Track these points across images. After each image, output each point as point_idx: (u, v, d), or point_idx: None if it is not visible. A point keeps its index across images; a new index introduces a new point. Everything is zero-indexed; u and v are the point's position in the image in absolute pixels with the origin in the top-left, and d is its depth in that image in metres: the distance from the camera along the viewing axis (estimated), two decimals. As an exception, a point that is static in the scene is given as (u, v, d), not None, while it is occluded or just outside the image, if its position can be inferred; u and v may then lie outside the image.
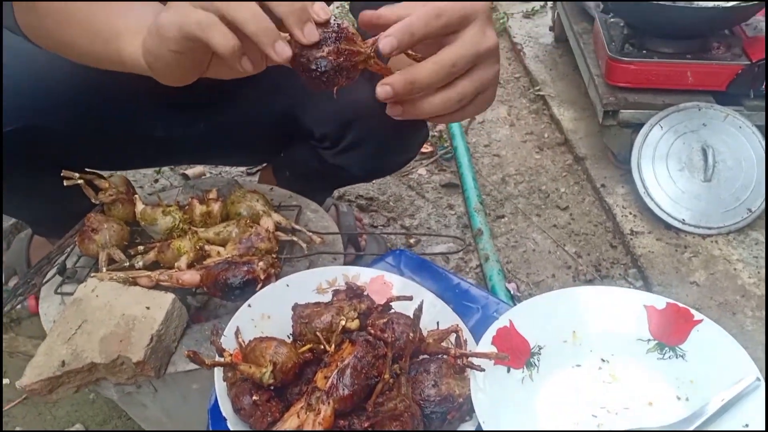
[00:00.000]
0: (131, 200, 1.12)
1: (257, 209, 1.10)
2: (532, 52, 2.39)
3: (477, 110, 0.65)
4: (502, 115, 2.10)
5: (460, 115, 0.64)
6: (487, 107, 0.66)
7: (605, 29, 1.80)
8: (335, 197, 1.67)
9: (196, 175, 1.80)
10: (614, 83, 1.68)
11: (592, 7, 2.01)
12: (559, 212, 1.66)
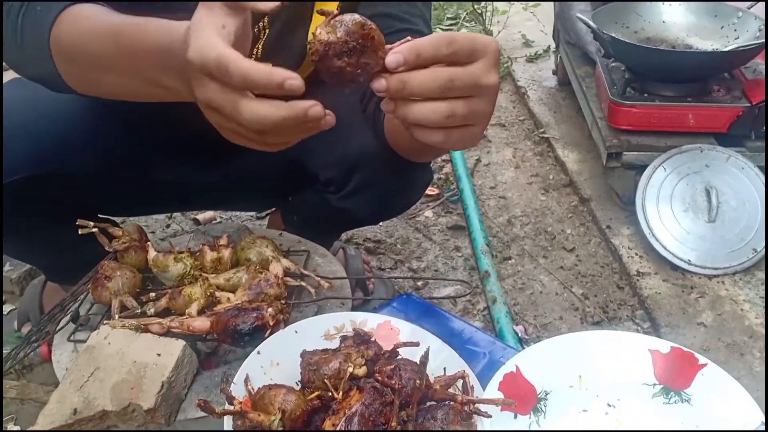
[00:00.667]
0: (144, 247, 1.15)
1: (267, 255, 1.12)
2: (536, 95, 2.43)
3: (462, 139, 0.65)
4: (508, 157, 2.13)
5: (444, 136, 0.64)
6: (471, 144, 0.67)
7: (607, 73, 1.84)
8: (343, 240, 1.70)
9: (207, 219, 1.83)
10: (617, 126, 1.71)
11: (593, 51, 2.05)
12: (565, 254, 1.67)
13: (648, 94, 1.73)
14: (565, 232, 1.75)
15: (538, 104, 2.36)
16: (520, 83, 2.53)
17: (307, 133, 0.64)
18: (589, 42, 2.08)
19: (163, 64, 0.69)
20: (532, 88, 2.49)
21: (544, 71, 2.59)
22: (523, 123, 2.33)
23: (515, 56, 2.75)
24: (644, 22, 1.92)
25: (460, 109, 0.62)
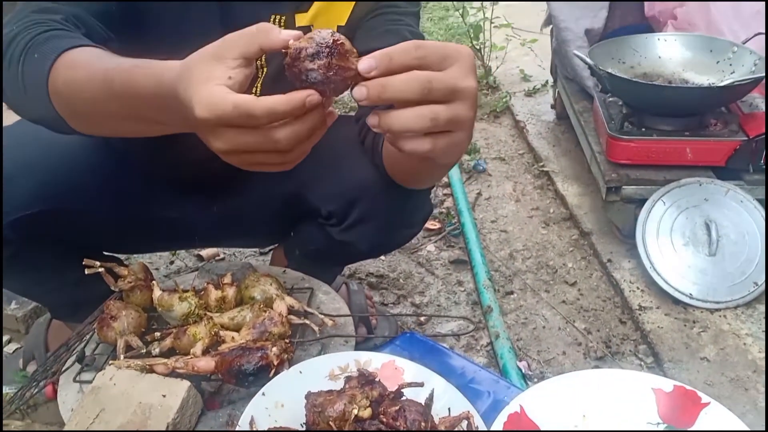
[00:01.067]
0: (149, 286, 1.16)
1: (271, 293, 1.13)
2: (534, 129, 2.46)
3: (450, 147, 0.65)
4: (508, 191, 2.15)
5: (431, 143, 0.64)
6: (460, 152, 0.67)
7: (604, 108, 1.87)
8: (346, 275, 1.70)
9: (210, 255, 1.84)
10: (615, 160, 1.73)
11: (591, 86, 2.08)
12: (567, 288, 1.68)
13: (646, 129, 1.75)
14: (567, 265, 1.76)
15: (537, 138, 2.39)
16: (519, 117, 2.56)
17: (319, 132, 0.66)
18: (587, 77, 2.11)
19: (156, 105, 0.70)
20: (531, 122, 2.52)
21: (543, 105, 2.63)
22: (523, 157, 2.35)
23: (514, 91, 2.79)
24: (640, 58, 1.96)
25: (443, 112, 0.62)
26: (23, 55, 0.81)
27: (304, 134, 0.64)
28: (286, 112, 0.61)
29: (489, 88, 2.88)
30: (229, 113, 0.61)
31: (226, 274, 1.21)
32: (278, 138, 0.63)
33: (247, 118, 0.61)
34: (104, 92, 0.75)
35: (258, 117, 0.61)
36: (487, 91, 2.87)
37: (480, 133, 2.54)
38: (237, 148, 0.64)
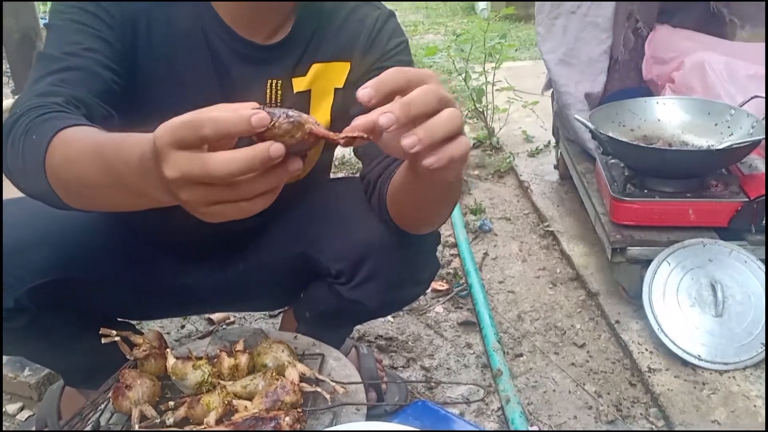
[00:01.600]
0: (163, 354, 1.17)
1: (282, 360, 1.15)
2: (539, 189, 2.50)
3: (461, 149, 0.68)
4: (514, 251, 2.17)
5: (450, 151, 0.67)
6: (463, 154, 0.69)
7: (606, 170, 1.91)
8: (355, 338, 1.72)
9: (221, 319, 1.86)
10: (619, 222, 1.76)
11: (592, 148, 2.13)
12: (576, 350, 1.68)
13: (648, 190, 1.79)
14: (575, 327, 1.77)
15: (541, 198, 2.43)
16: (522, 177, 2.61)
17: (277, 181, 0.67)
18: (588, 139, 2.17)
19: (140, 172, 0.72)
20: (534, 182, 2.56)
21: (546, 166, 2.68)
22: (528, 217, 2.38)
23: (517, 151, 2.85)
24: (640, 121, 2.01)
25: (454, 113, 0.67)
26: (24, 135, 0.86)
27: (240, 165, 0.64)
28: (232, 125, 0.64)
29: (493, 149, 2.94)
30: (180, 128, 0.64)
31: (239, 340, 1.23)
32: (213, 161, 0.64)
33: (195, 131, 0.64)
34: (95, 163, 0.78)
35: (204, 126, 0.64)
36: (491, 151, 2.93)
37: (485, 193, 2.58)
38: (183, 174, 0.65)
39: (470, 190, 2.60)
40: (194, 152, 0.64)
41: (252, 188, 0.65)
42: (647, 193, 1.78)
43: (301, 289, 1.36)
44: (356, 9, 1.15)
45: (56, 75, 0.93)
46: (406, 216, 1.05)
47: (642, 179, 1.82)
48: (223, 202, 0.66)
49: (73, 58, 0.95)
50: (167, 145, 0.64)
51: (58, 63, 0.94)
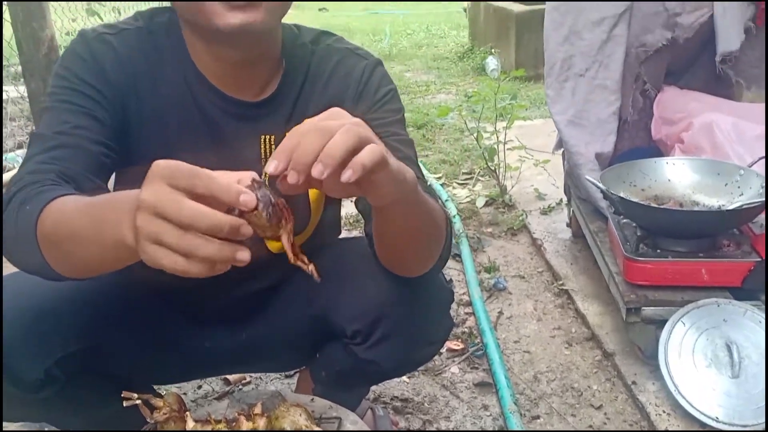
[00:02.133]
0: (183, 417, 1.19)
1: (300, 424, 1.16)
2: (552, 247, 2.52)
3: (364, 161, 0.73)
4: (529, 309, 2.18)
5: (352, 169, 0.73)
6: (374, 158, 0.74)
7: (619, 229, 1.93)
8: (371, 399, 1.72)
9: (237, 380, 1.87)
10: (633, 281, 1.77)
11: (604, 207, 2.16)
12: (593, 411, 1.67)
13: (661, 250, 1.81)
14: (592, 388, 1.77)
15: (554, 256, 2.45)
16: (535, 235, 2.64)
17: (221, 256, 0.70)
18: (600, 198, 2.20)
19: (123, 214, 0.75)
20: (547, 240, 2.59)
21: (558, 223, 2.70)
22: (542, 275, 2.40)
23: (529, 209, 2.88)
24: (651, 181, 2.05)
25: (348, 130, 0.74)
26: (18, 208, 0.91)
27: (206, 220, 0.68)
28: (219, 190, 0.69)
29: (505, 207, 2.98)
30: (181, 167, 0.69)
31: (257, 404, 1.24)
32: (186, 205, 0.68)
33: (189, 178, 0.69)
34: (82, 219, 0.82)
35: (200, 177, 0.69)
36: (503, 209, 2.97)
37: (499, 251, 2.61)
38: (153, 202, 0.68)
39: (484, 248, 2.63)
40: (178, 192, 0.69)
41: (200, 248, 0.68)
42: (660, 252, 1.80)
43: (317, 349, 1.38)
44: (343, 60, 1.18)
45: (47, 153, 0.99)
46: (389, 257, 1.08)
47: (654, 239, 1.84)
48: (167, 246, 0.69)
49: (63, 136, 1.00)
50: (159, 175, 0.69)
51: (49, 142, 1.00)
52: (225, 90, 1.11)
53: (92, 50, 1.07)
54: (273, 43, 1.12)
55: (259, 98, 1.14)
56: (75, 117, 1.03)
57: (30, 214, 0.88)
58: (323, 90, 1.17)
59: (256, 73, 1.12)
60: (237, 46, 1.05)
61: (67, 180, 0.97)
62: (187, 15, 1.04)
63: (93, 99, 1.05)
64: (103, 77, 1.06)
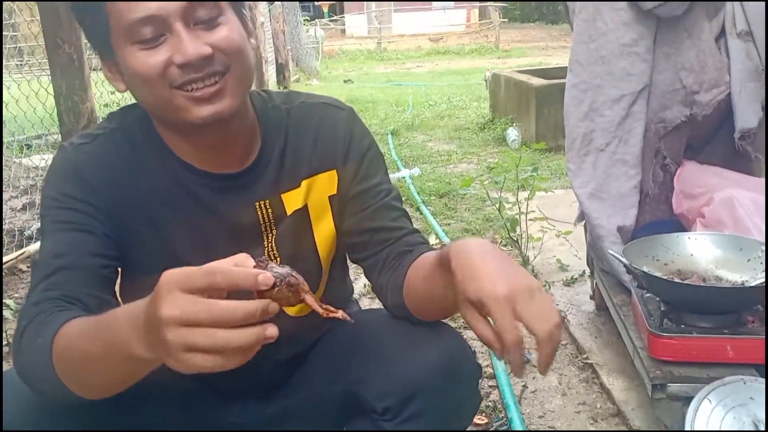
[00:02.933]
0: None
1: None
2: (575, 320, 2.52)
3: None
4: (554, 383, 2.17)
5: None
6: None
7: (642, 303, 1.94)
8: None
9: (261, 450, 1.87)
10: (658, 357, 1.77)
11: (627, 281, 2.17)
12: (619, 490, 1.65)
13: (685, 326, 1.80)
14: (618, 465, 1.74)
15: (578, 329, 2.45)
16: (559, 307, 2.64)
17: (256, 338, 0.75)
18: (623, 272, 2.21)
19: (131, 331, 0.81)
20: (571, 312, 2.59)
21: (581, 295, 2.71)
22: (566, 348, 2.39)
23: (552, 280, 2.90)
24: (673, 255, 2.06)
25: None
26: (30, 341, 0.96)
27: (242, 311, 0.73)
28: (239, 279, 0.74)
29: (528, 278, 2.99)
30: (195, 273, 0.74)
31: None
32: (220, 306, 0.73)
33: (206, 277, 0.73)
34: (92, 339, 0.87)
35: (216, 273, 0.74)
36: (526, 280, 2.98)
37: (522, 323, 2.60)
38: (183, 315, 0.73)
39: (507, 320, 2.63)
40: (198, 297, 0.73)
41: (234, 340, 0.73)
42: (684, 328, 1.79)
43: (344, 423, 1.39)
44: (324, 115, 1.23)
45: (48, 280, 1.03)
46: (425, 315, 1.14)
47: (679, 314, 1.84)
48: (201, 349, 0.73)
49: (59, 259, 1.05)
50: (174, 285, 0.74)
51: (47, 268, 1.04)
52: (208, 168, 1.15)
53: (73, 163, 1.11)
54: (245, 116, 1.16)
55: (243, 167, 1.17)
56: (68, 236, 1.07)
57: (43, 347, 0.93)
58: (313, 147, 1.21)
59: (235, 146, 1.16)
60: (210, 132, 1.09)
61: (71, 302, 1.01)
62: (156, 112, 1.09)
63: (82, 212, 1.08)
64: (88, 187, 1.09)
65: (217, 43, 1.03)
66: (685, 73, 2.38)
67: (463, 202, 4.27)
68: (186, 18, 1.01)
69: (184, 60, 1.00)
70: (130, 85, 1.07)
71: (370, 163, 1.23)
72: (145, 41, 1.01)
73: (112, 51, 1.05)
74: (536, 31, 28.40)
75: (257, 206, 1.18)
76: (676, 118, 2.42)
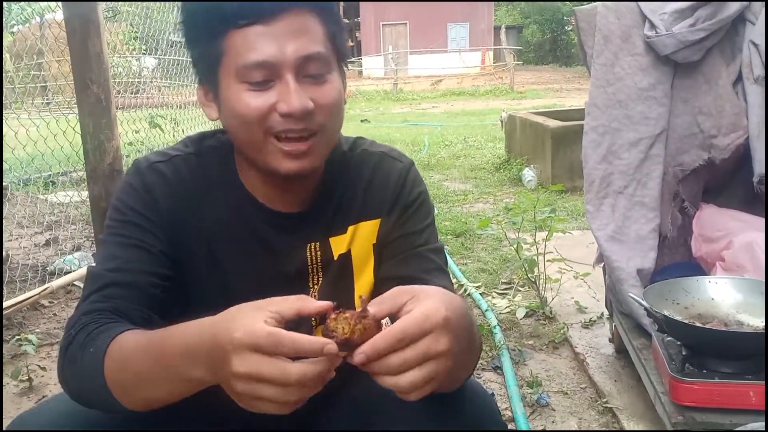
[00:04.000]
0: None
1: None
2: (595, 363, 2.50)
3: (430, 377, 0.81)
4: (573, 427, 2.15)
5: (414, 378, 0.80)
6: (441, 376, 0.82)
7: (663, 347, 1.93)
8: None
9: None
10: (680, 402, 1.75)
11: (647, 324, 2.16)
12: None
13: (707, 371, 1.79)
14: None
15: (597, 372, 2.42)
16: (578, 349, 2.62)
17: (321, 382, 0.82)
18: (643, 315, 2.20)
19: (189, 356, 0.85)
20: (590, 355, 2.57)
21: (600, 338, 2.69)
22: (585, 391, 2.37)
23: (570, 322, 2.88)
24: (693, 299, 2.05)
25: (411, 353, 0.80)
26: (81, 350, 0.98)
27: (311, 376, 0.79)
28: (307, 350, 0.78)
29: (546, 319, 2.98)
30: (263, 339, 0.78)
31: None
32: (290, 371, 0.78)
33: (275, 346, 0.77)
34: (146, 358, 0.91)
35: (284, 345, 0.78)
36: (544, 321, 2.97)
37: (540, 365, 2.59)
38: (253, 373, 0.78)
39: (525, 361, 2.62)
40: (267, 357, 0.78)
41: (304, 394, 0.80)
42: (706, 373, 1.78)
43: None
44: (380, 164, 1.23)
45: (100, 292, 1.06)
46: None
47: (700, 358, 1.83)
48: (274, 402, 0.80)
49: (114, 273, 1.07)
50: (244, 346, 0.78)
51: (101, 280, 1.08)
52: (271, 206, 1.18)
53: (144, 181, 1.14)
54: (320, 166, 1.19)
55: (303, 208, 1.20)
56: (126, 251, 1.09)
57: (95, 357, 0.96)
58: (363, 194, 1.22)
59: (302, 189, 1.19)
60: (288, 182, 1.14)
61: (120, 315, 1.04)
62: (243, 148, 1.12)
63: (144, 229, 1.11)
64: (154, 206, 1.12)
65: (319, 100, 1.05)
66: (702, 117, 2.40)
67: (479, 241, 4.28)
68: (298, 69, 1.03)
69: (288, 110, 1.02)
70: (226, 117, 1.10)
71: (414, 213, 1.21)
72: (254, 83, 1.04)
73: (216, 82, 1.08)
74: (550, 73, 28.70)
75: (308, 247, 1.20)
76: (694, 161, 2.43)
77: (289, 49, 1.02)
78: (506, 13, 41.11)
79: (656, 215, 2.41)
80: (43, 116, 3.98)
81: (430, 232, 1.23)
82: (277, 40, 1.02)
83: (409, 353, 0.80)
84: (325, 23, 1.08)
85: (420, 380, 0.81)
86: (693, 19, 2.28)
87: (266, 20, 1.02)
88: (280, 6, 1.02)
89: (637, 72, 2.37)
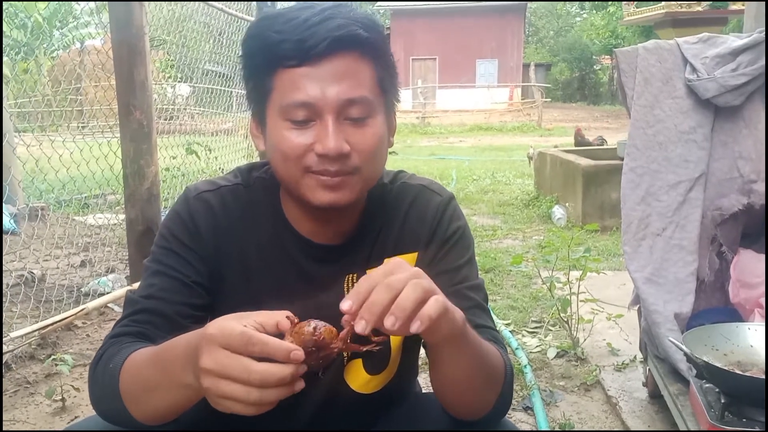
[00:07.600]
0: None
1: None
2: (628, 407, 2.46)
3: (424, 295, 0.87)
4: (606, 472, 2.11)
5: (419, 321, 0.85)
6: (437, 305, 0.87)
7: (701, 394, 1.89)
8: None
9: None
10: (721, 452, 1.72)
11: (684, 369, 2.12)
12: None
13: (746, 419, 1.75)
14: None
15: (631, 417, 2.38)
16: (610, 393, 2.58)
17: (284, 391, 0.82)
18: (680, 360, 2.17)
19: (184, 361, 0.87)
20: (623, 398, 2.53)
21: (634, 381, 2.65)
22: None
23: (602, 364, 2.84)
24: (732, 345, 2.02)
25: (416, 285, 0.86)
26: (103, 368, 1.03)
27: (274, 378, 0.80)
28: (275, 352, 0.80)
29: (578, 360, 2.95)
30: (234, 336, 0.81)
31: None
32: (253, 369, 0.80)
33: (245, 345, 0.80)
34: (152, 366, 0.95)
35: (254, 344, 0.80)
36: (576, 362, 2.93)
37: (572, 407, 2.55)
38: (218, 369, 0.80)
39: (556, 402, 2.58)
40: (235, 354, 0.81)
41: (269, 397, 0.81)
42: (746, 422, 1.74)
43: None
44: (419, 197, 1.23)
45: (131, 317, 1.11)
46: (442, 394, 1.10)
47: (740, 407, 1.79)
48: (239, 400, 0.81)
49: (147, 301, 1.12)
50: (215, 342, 0.81)
51: (135, 306, 1.12)
52: (312, 238, 1.20)
53: (191, 209, 1.17)
54: (360, 200, 1.20)
55: (342, 241, 1.21)
56: (162, 280, 1.13)
57: (113, 374, 1.01)
58: (401, 227, 1.22)
59: (344, 222, 1.21)
60: (326, 214, 1.16)
61: (145, 339, 1.08)
62: (285, 184, 1.15)
63: (183, 258, 1.14)
64: (197, 236, 1.16)
65: (357, 144, 1.07)
66: (742, 162, 2.40)
67: (508, 278, 4.26)
68: (338, 112, 1.06)
69: (323, 151, 1.05)
70: (269, 150, 1.13)
71: (452, 248, 1.21)
72: (296, 122, 1.06)
73: (264, 116, 1.12)
74: (578, 111, 28.68)
75: (347, 279, 1.21)
76: (733, 206, 2.42)
77: (332, 91, 1.05)
78: (535, 50, 41.43)
79: (695, 259, 2.38)
80: (76, 140, 4.07)
81: (468, 268, 1.22)
82: (321, 82, 1.04)
83: (391, 278, 0.86)
84: (374, 67, 1.10)
85: (413, 298, 0.85)
86: (735, 63, 2.29)
87: (313, 62, 1.05)
88: (329, 48, 1.04)
89: (677, 114, 2.38)
